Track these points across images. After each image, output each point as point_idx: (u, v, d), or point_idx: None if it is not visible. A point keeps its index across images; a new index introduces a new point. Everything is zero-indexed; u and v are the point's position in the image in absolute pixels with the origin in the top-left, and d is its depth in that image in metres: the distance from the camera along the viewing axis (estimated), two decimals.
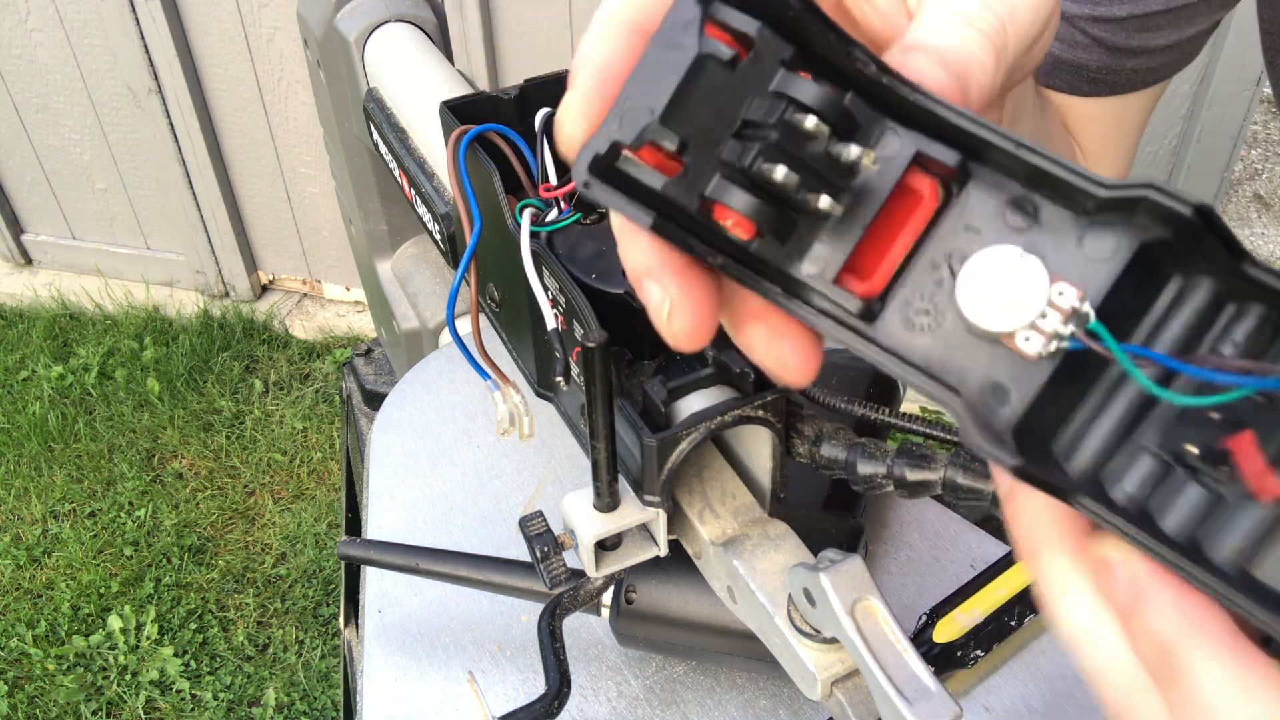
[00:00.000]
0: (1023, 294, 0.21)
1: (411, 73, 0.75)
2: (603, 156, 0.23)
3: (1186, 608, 0.21)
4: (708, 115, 0.23)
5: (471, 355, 0.51)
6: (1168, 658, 0.21)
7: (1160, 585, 0.21)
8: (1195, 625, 0.21)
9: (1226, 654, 0.21)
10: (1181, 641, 0.21)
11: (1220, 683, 0.20)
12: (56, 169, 2.54)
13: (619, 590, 0.60)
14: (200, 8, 2.13)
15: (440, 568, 0.61)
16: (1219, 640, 0.21)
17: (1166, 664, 0.21)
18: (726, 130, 0.23)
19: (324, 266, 2.53)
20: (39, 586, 1.92)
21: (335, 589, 1.87)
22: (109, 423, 2.25)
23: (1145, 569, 0.22)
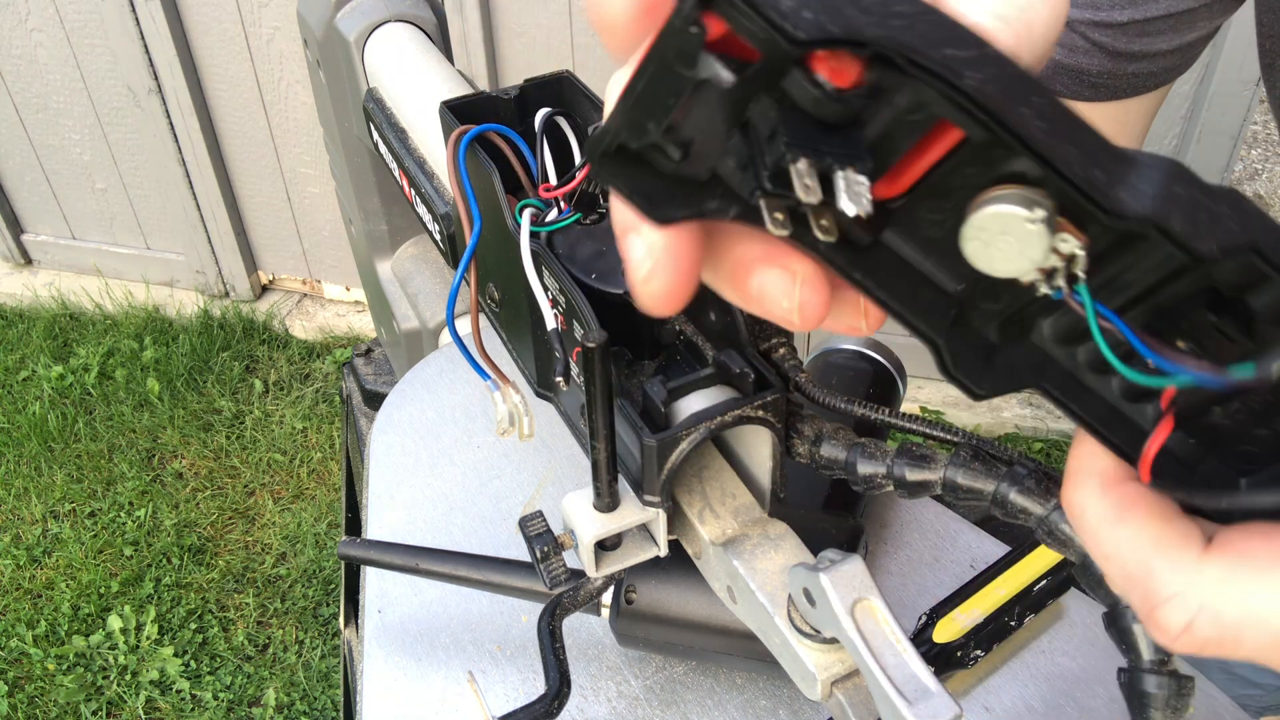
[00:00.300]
0: (1025, 248, 0.22)
1: (411, 73, 0.75)
2: (613, 152, 0.24)
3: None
4: (712, 122, 0.23)
5: (471, 355, 0.51)
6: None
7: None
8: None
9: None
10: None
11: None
12: (56, 169, 2.54)
13: (619, 590, 0.60)
14: (200, 8, 2.13)
15: (440, 568, 0.61)
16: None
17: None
18: (733, 126, 0.23)
19: (324, 266, 2.53)
20: (39, 586, 1.92)
21: (335, 589, 1.87)
22: (109, 423, 2.25)
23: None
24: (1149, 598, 0.24)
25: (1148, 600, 0.24)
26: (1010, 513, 0.33)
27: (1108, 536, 0.25)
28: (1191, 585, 0.24)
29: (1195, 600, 0.23)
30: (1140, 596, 0.25)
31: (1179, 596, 0.24)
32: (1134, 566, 0.25)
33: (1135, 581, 0.25)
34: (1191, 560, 0.24)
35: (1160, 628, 0.24)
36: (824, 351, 0.78)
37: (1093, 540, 0.26)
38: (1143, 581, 0.25)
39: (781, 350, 0.41)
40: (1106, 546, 0.25)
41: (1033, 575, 0.62)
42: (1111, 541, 0.25)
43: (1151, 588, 0.24)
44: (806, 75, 0.21)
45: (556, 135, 0.53)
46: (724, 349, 0.42)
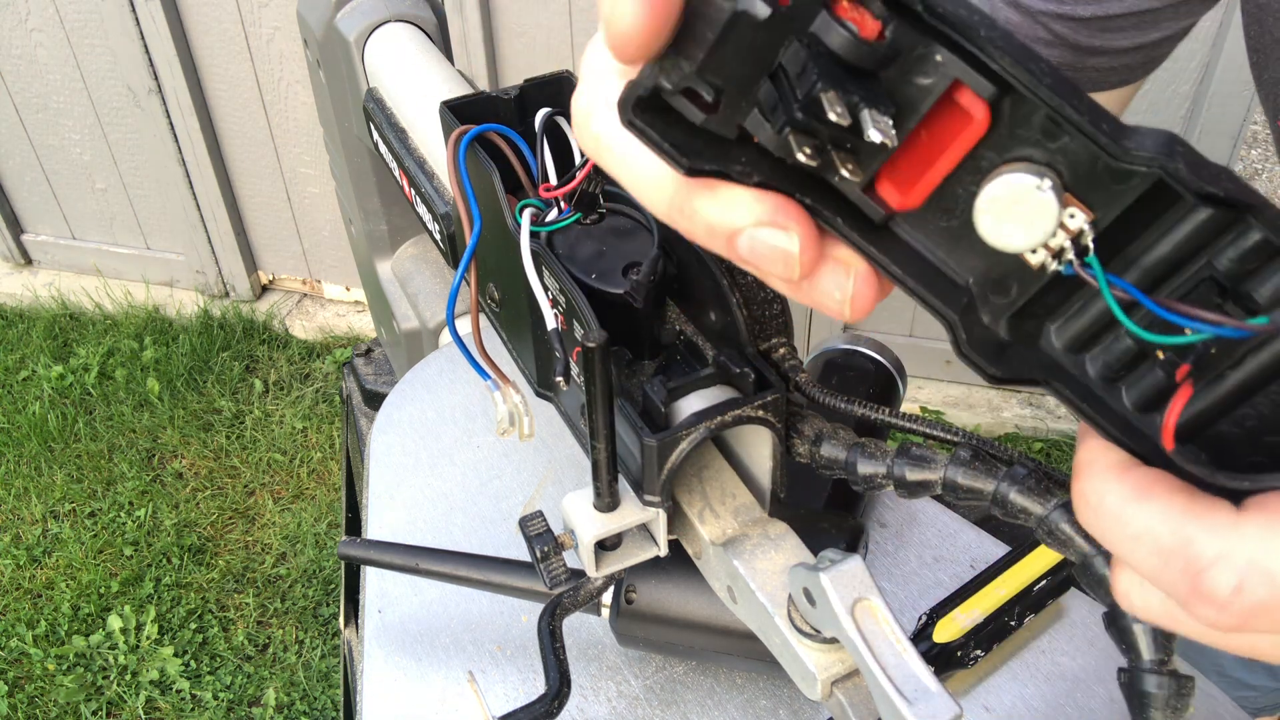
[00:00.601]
0: (1036, 218, 0.23)
1: (411, 73, 0.75)
2: (645, 98, 0.24)
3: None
4: (745, 63, 0.23)
5: (471, 355, 0.51)
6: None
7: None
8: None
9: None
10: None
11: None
12: (56, 169, 2.54)
13: (619, 590, 0.60)
14: (200, 8, 2.13)
15: (440, 568, 0.61)
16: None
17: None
18: (763, 72, 0.23)
19: (324, 266, 2.53)
20: (39, 586, 1.92)
21: (335, 589, 1.87)
22: (109, 423, 2.25)
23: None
24: (1191, 566, 0.23)
25: (1190, 570, 0.23)
26: (1010, 512, 0.33)
27: (1134, 515, 0.24)
28: (1236, 544, 0.22)
29: (1243, 558, 0.22)
30: (1180, 569, 0.23)
31: (1223, 558, 0.22)
32: (1169, 538, 0.23)
33: (1173, 555, 0.23)
34: (1228, 522, 0.23)
35: (1208, 597, 0.23)
36: (824, 351, 0.78)
37: (1117, 524, 0.25)
38: (1181, 551, 0.23)
39: (781, 350, 0.41)
40: (1135, 525, 0.24)
41: (1033, 575, 0.62)
42: (1140, 519, 0.24)
43: (1192, 554, 0.23)
44: (835, 18, 0.22)
45: (556, 135, 0.53)
46: (724, 349, 0.42)
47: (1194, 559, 0.23)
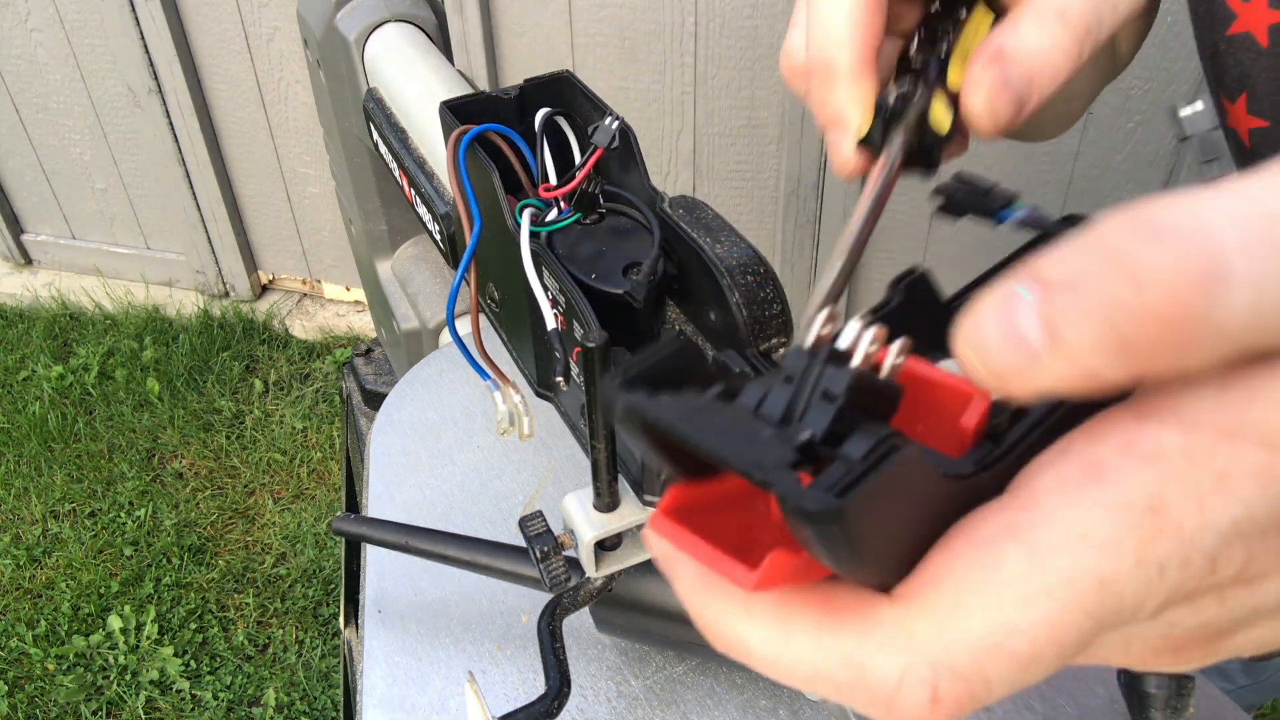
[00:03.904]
0: None
1: (411, 73, 0.75)
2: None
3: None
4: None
5: (471, 355, 0.51)
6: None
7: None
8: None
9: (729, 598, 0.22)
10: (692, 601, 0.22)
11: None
12: (56, 169, 2.54)
13: None
14: (200, 8, 2.13)
15: (431, 546, 0.61)
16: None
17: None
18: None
19: (324, 266, 2.53)
20: (39, 586, 1.92)
21: (335, 589, 1.87)
22: (109, 423, 2.25)
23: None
24: (878, 695, 0.20)
25: (878, 699, 0.20)
26: None
27: (791, 658, 0.21)
28: (910, 652, 0.19)
29: (925, 665, 0.19)
30: (868, 700, 0.20)
31: (906, 673, 0.19)
32: (841, 672, 0.20)
33: (854, 687, 0.20)
34: (891, 626, 0.20)
35: (912, 712, 0.19)
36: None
37: (778, 669, 0.21)
38: (861, 683, 0.20)
39: (781, 351, 0.41)
40: (800, 669, 0.21)
41: None
42: (801, 661, 0.20)
43: (873, 683, 0.20)
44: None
45: (556, 135, 0.53)
46: (724, 349, 0.42)
47: (878, 687, 0.20)
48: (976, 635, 0.19)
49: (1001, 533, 0.19)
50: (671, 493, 0.21)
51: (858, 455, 0.18)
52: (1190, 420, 0.19)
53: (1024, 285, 0.18)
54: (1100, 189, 1.71)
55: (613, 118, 0.47)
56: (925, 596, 0.20)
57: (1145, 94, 1.59)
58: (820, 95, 0.34)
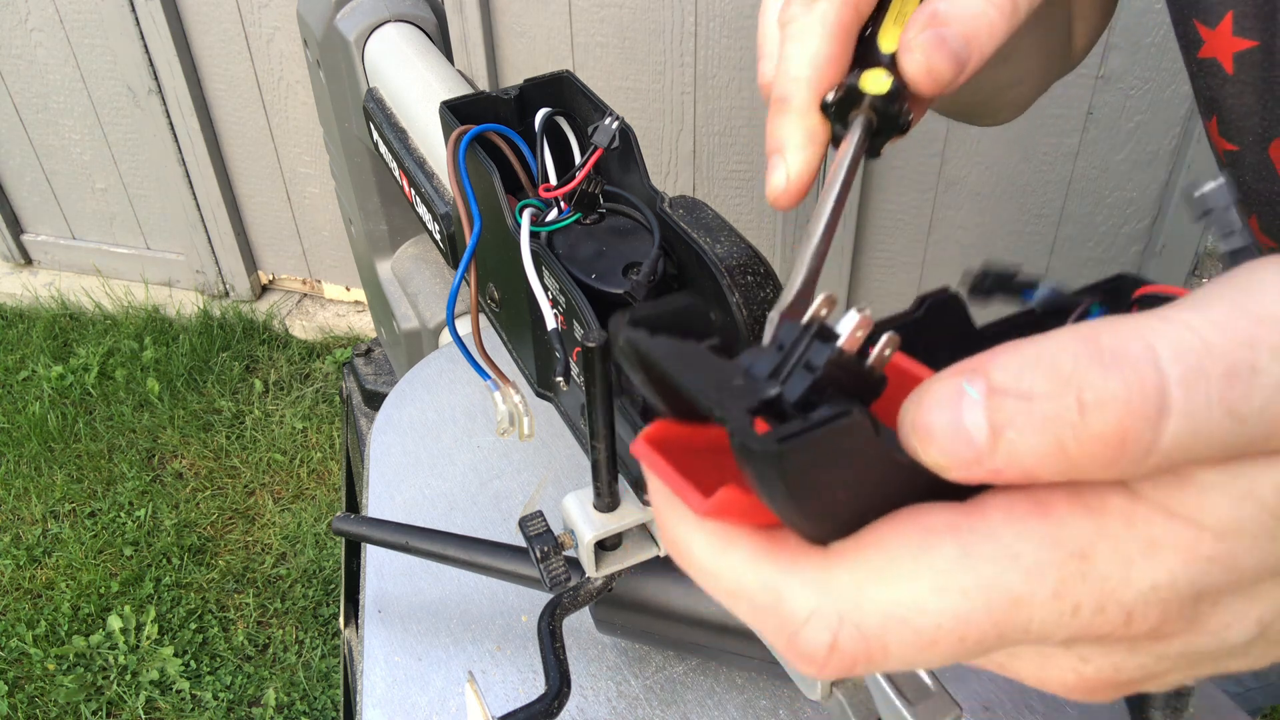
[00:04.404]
0: None
1: (411, 73, 0.75)
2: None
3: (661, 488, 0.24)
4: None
5: (471, 355, 0.51)
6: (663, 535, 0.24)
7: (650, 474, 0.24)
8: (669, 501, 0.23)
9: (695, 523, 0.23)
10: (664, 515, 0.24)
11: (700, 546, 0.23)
12: (56, 169, 2.54)
13: None
14: (200, 8, 2.13)
15: (430, 546, 0.61)
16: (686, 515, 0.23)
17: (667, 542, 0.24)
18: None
19: (324, 266, 2.53)
20: (39, 586, 1.92)
21: (335, 589, 1.87)
22: (109, 423, 2.25)
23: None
24: (785, 625, 0.21)
25: (784, 629, 0.21)
26: None
27: (723, 569, 0.22)
28: (826, 598, 0.21)
29: (833, 613, 0.21)
30: (776, 627, 0.22)
31: (815, 615, 0.21)
32: (761, 595, 0.22)
33: (767, 611, 0.22)
34: (818, 570, 0.21)
35: (803, 655, 0.21)
36: None
37: (711, 579, 0.23)
38: (775, 609, 0.22)
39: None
40: (725, 580, 0.22)
41: None
42: (729, 573, 0.22)
43: (785, 612, 0.21)
44: None
45: (556, 135, 0.53)
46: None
47: (788, 618, 0.21)
48: (889, 602, 0.20)
49: (944, 526, 0.21)
50: (656, 424, 0.24)
51: (816, 418, 0.20)
52: (1138, 493, 0.20)
53: (972, 385, 0.20)
54: (1100, 189, 1.71)
55: (613, 118, 0.47)
56: (856, 556, 0.21)
57: (1145, 94, 1.59)
58: (771, 123, 0.36)
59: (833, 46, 0.35)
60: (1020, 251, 1.80)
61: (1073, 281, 0.28)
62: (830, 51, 0.35)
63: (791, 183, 0.35)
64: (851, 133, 0.34)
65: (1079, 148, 1.67)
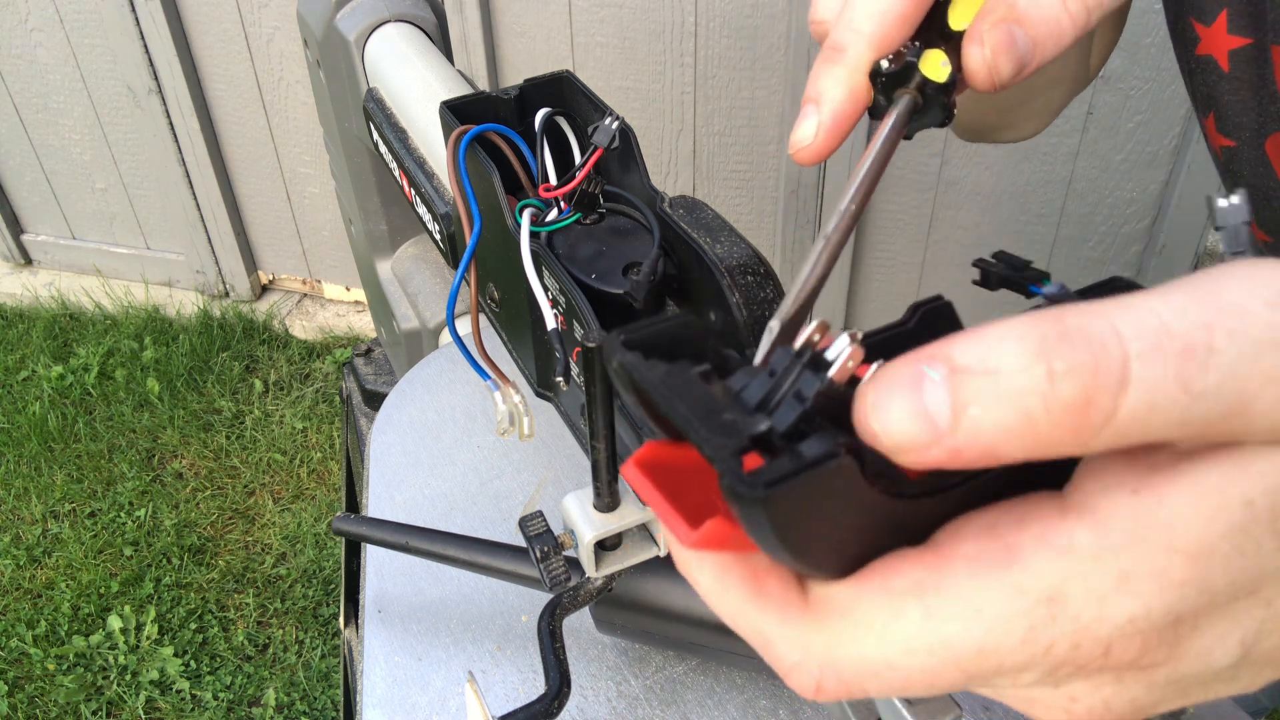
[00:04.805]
0: None
1: (411, 73, 0.75)
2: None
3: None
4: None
5: (471, 355, 0.51)
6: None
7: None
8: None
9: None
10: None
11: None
12: (56, 169, 2.54)
13: None
14: (200, 8, 2.13)
15: (430, 546, 0.61)
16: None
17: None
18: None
19: (324, 266, 2.53)
20: (39, 586, 1.92)
21: (335, 589, 1.87)
22: (109, 423, 2.25)
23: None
24: (777, 665, 0.24)
25: (776, 665, 0.24)
26: None
27: (721, 604, 0.25)
28: (806, 653, 0.23)
29: (814, 664, 0.23)
30: (770, 661, 0.24)
31: (799, 665, 0.23)
32: (754, 636, 0.24)
33: (761, 649, 0.24)
34: (797, 618, 0.23)
35: (794, 687, 0.24)
36: None
37: (714, 607, 0.25)
38: (766, 650, 0.24)
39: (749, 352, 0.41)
40: (725, 614, 0.25)
41: None
42: (726, 609, 0.25)
43: (775, 656, 0.24)
44: None
45: (556, 135, 0.53)
46: (724, 349, 0.42)
47: (777, 660, 0.24)
48: (861, 659, 0.22)
49: (909, 588, 0.22)
50: (647, 446, 0.24)
51: (807, 455, 0.20)
52: (1104, 522, 0.21)
53: (932, 367, 0.20)
54: (1100, 189, 1.71)
55: (612, 118, 0.47)
56: (831, 620, 0.23)
57: (1145, 94, 1.59)
58: (818, 70, 0.33)
59: (906, 7, 0.32)
60: (1020, 251, 1.79)
61: (1072, 282, 0.28)
62: (903, 12, 0.32)
63: (820, 139, 0.33)
64: (893, 112, 0.32)
65: (1079, 148, 1.67)
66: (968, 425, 0.20)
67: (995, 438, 0.20)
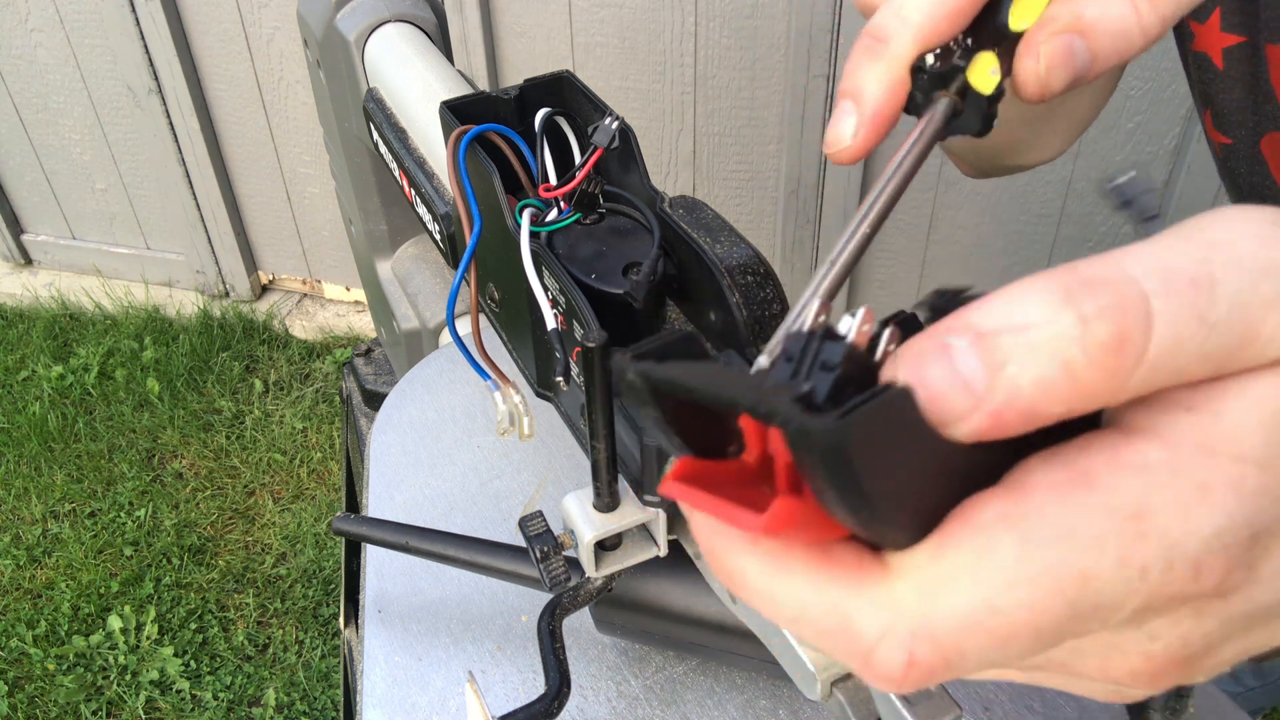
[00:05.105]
0: None
1: (411, 73, 0.75)
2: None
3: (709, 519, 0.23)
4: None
5: (471, 355, 0.51)
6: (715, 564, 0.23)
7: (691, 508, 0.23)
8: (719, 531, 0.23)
9: (752, 548, 0.22)
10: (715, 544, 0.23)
11: (759, 573, 0.22)
12: (56, 169, 2.54)
13: None
14: (200, 8, 2.13)
15: (430, 546, 0.61)
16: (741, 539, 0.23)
17: (721, 572, 0.23)
18: None
19: (324, 266, 2.53)
20: (39, 586, 1.92)
21: (335, 589, 1.87)
22: (109, 423, 2.25)
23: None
24: (856, 646, 0.21)
25: (856, 650, 0.21)
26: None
27: (783, 594, 0.22)
28: (895, 615, 0.20)
29: (905, 629, 0.20)
30: (848, 649, 0.21)
31: (887, 634, 0.20)
32: (826, 618, 0.21)
33: (836, 635, 0.21)
34: (881, 586, 0.21)
35: (880, 674, 0.21)
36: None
37: (772, 605, 0.22)
38: (843, 631, 0.21)
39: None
40: (788, 606, 0.22)
41: None
42: (790, 598, 0.22)
43: (854, 634, 0.21)
44: None
45: (556, 135, 0.53)
46: (724, 349, 0.42)
47: (858, 639, 0.21)
48: (961, 609, 0.20)
49: (996, 519, 0.20)
50: (681, 462, 0.23)
51: (864, 396, 0.19)
52: (1170, 439, 0.20)
53: (955, 337, 0.20)
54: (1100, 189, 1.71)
55: (612, 118, 0.47)
56: (919, 567, 0.21)
57: (1145, 94, 1.59)
58: (857, 60, 0.31)
59: (962, 1, 0.29)
60: (1020, 251, 1.80)
61: None
62: (958, 6, 0.29)
63: (859, 138, 0.31)
64: (928, 116, 0.30)
65: (1079, 148, 1.67)
66: (1005, 385, 0.19)
67: (1034, 394, 0.19)
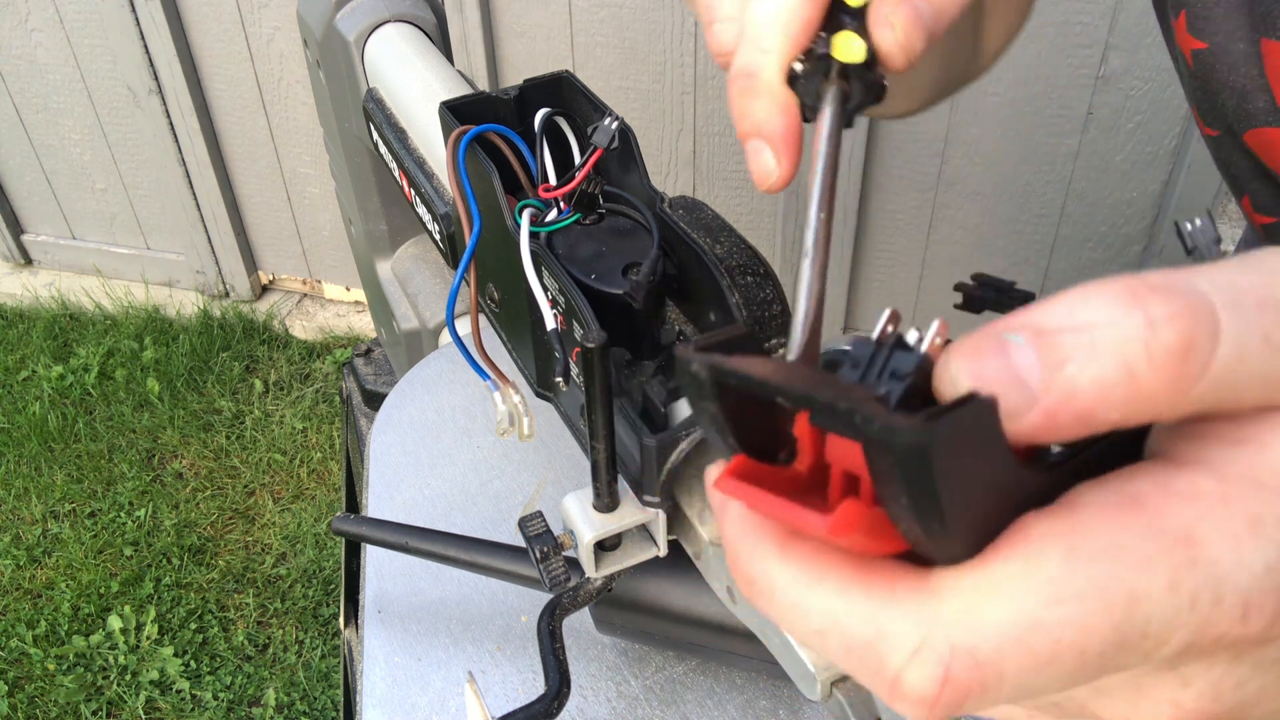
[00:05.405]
0: None
1: (411, 73, 0.75)
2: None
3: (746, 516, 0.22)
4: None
5: (471, 355, 0.51)
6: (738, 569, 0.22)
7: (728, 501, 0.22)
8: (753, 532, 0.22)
9: (783, 554, 0.21)
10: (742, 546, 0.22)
11: (789, 580, 0.21)
12: (56, 169, 2.54)
13: None
14: (200, 8, 2.13)
15: (430, 546, 0.61)
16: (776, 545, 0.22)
17: (743, 580, 0.22)
18: None
19: (324, 266, 2.53)
20: (39, 586, 1.92)
21: (335, 589, 1.87)
22: (109, 423, 2.25)
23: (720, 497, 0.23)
24: (886, 663, 0.19)
25: (886, 667, 0.19)
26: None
27: (813, 604, 0.20)
28: (935, 628, 0.19)
29: (944, 643, 0.19)
30: (875, 665, 0.20)
31: (924, 646, 0.19)
32: (859, 630, 0.20)
33: (866, 650, 0.20)
34: (922, 598, 0.20)
35: (910, 694, 0.19)
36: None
37: (798, 615, 0.21)
38: (874, 646, 0.20)
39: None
40: (818, 619, 0.20)
41: None
42: (821, 609, 0.20)
43: (886, 648, 0.19)
44: None
45: (556, 135, 0.53)
46: None
47: (889, 654, 0.19)
48: (1003, 624, 0.19)
49: (1044, 534, 0.19)
50: (737, 459, 0.22)
51: (947, 404, 0.18)
52: (1220, 470, 0.20)
53: (1014, 333, 0.19)
54: (1100, 189, 1.71)
55: (612, 118, 0.47)
56: (960, 580, 0.19)
57: (1145, 94, 1.59)
58: (741, 102, 0.32)
59: (807, 10, 0.31)
60: (1020, 251, 1.80)
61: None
62: (805, 16, 0.31)
63: (782, 163, 0.32)
64: (825, 111, 0.31)
65: (1079, 148, 1.67)
66: (1063, 384, 0.18)
67: (1092, 395, 0.18)
